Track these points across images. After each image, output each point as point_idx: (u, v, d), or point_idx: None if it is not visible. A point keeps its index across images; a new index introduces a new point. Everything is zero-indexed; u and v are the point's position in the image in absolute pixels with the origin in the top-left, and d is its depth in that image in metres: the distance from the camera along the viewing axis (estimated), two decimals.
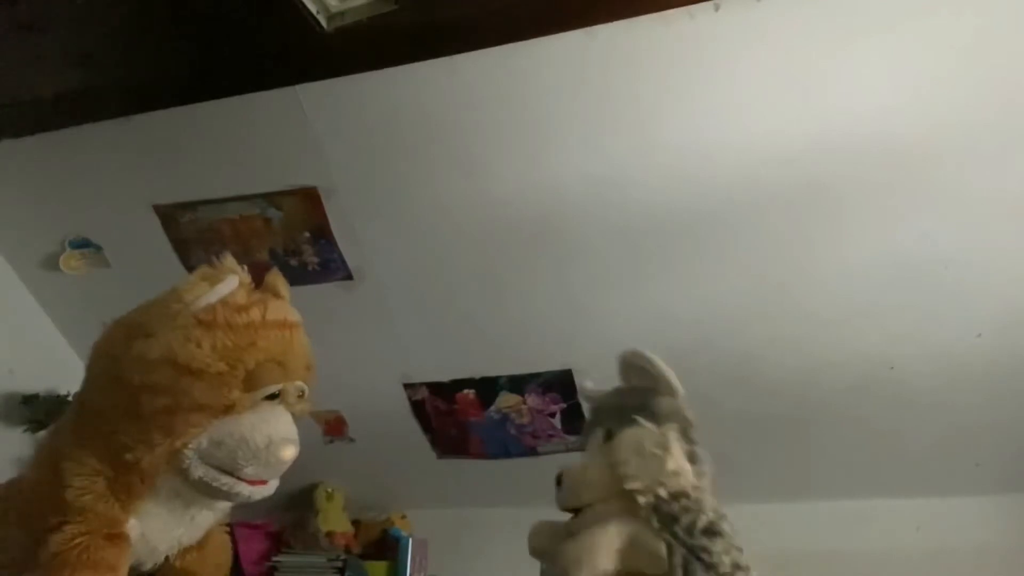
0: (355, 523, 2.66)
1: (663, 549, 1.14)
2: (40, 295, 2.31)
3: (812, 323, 1.89)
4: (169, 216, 2.04)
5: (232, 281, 1.31)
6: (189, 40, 1.66)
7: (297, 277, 2.06)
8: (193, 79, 1.75)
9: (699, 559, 1.13)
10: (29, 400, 2.12)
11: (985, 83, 1.47)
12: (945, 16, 1.41)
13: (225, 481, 1.29)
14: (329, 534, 2.53)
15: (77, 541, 1.23)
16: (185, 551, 1.47)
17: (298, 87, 1.71)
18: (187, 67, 1.74)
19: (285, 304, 1.40)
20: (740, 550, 1.19)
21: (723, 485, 2.47)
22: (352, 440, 2.52)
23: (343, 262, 2.02)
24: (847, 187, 1.65)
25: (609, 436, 1.28)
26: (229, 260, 1.35)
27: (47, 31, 1.61)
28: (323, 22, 1.51)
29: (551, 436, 2.31)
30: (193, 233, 2.05)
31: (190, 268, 2.12)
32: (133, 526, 1.30)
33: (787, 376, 2.01)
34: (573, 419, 2.24)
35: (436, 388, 2.30)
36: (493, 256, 1.93)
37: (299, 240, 2.00)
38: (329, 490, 2.62)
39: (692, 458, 1.25)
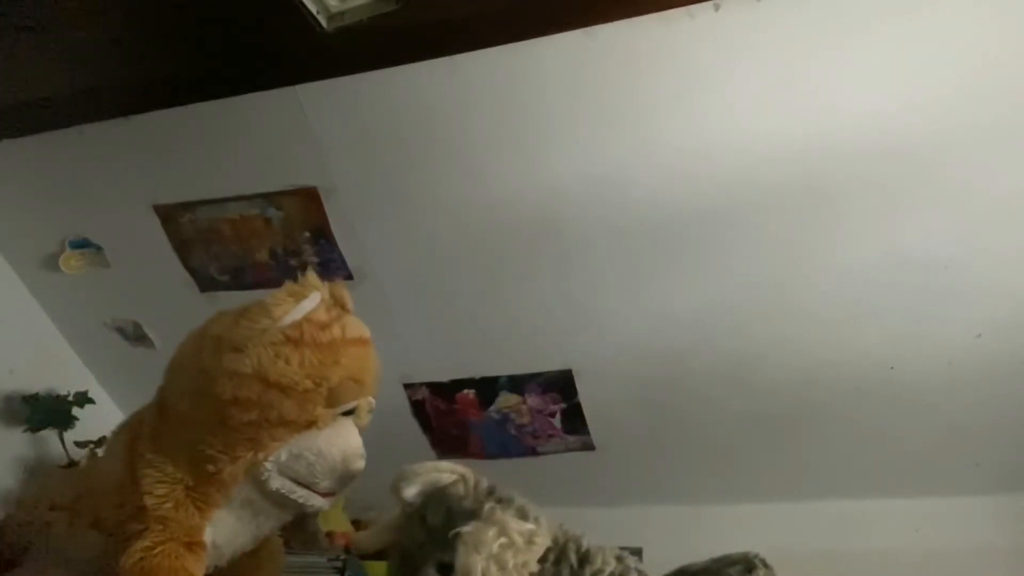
0: (355, 523, 2.65)
1: None
2: (40, 295, 2.31)
3: (812, 323, 1.90)
4: (169, 216, 2.04)
5: (315, 298, 1.34)
6: (189, 40, 1.66)
7: (297, 277, 2.06)
8: (193, 79, 1.75)
9: None
10: (29, 400, 2.12)
11: (985, 83, 1.47)
12: (946, 16, 1.41)
13: (301, 493, 1.35)
14: (329, 534, 2.52)
15: (159, 549, 1.26)
16: (243, 557, 1.49)
17: (298, 87, 1.71)
18: (187, 67, 1.74)
19: (357, 320, 1.42)
20: (620, 559, 1.17)
21: (723, 485, 2.48)
22: None
23: (343, 262, 2.02)
24: (847, 187, 1.65)
25: (445, 568, 1.15)
26: (312, 276, 1.38)
27: (47, 31, 1.61)
28: (323, 22, 1.51)
29: (551, 436, 2.31)
30: (193, 233, 2.05)
31: (190, 268, 2.12)
32: (207, 534, 1.34)
33: (787, 376, 2.01)
34: (573, 419, 2.24)
35: (436, 388, 2.29)
36: (493, 256, 1.93)
37: (299, 240, 2.00)
38: None
39: (523, 514, 1.18)
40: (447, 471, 1.25)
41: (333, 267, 2.03)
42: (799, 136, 1.58)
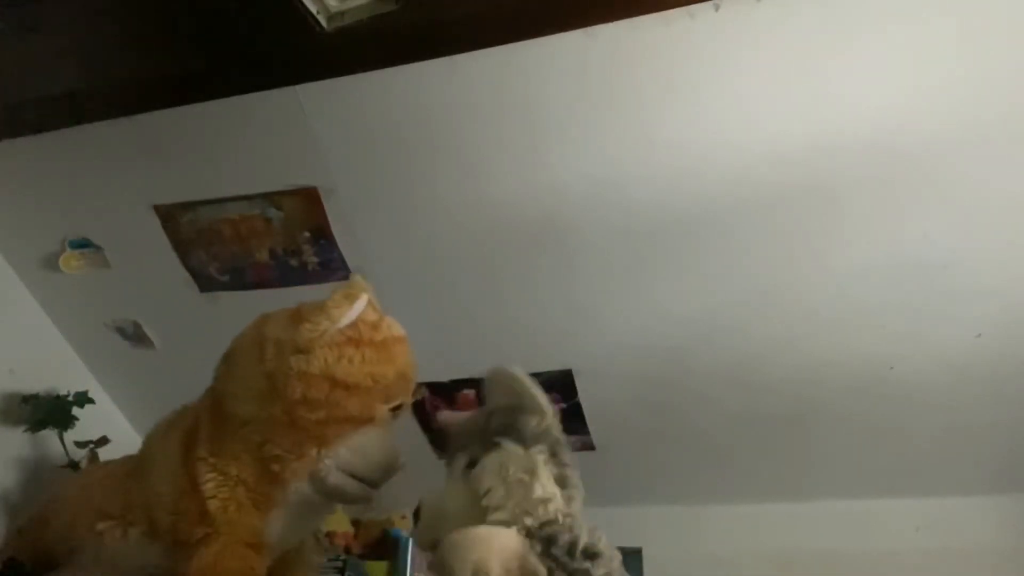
0: (355, 523, 2.65)
1: (544, 573, 1.07)
2: (40, 295, 2.31)
3: (812, 323, 1.90)
4: (169, 216, 2.04)
5: (364, 299, 1.40)
6: (189, 40, 1.66)
7: (297, 277, 2.06)
8: (193, 79, 1.75)
9: None
10: (29, 400, 2.12)
11: (986, 83, 1.47)
12: (946, 16, 1.41)
13: (356, 486, 1.41)
14: (329, 534, 2.53)
15: (228, 552, 1.31)
16: (284, 553, 1.54)
17: (298, 87, 1.71)
18: (187, 67, 1.74)
19: (394, 319, 1.50)
20: (620, 568, 1.15)
21: (723, 485, 2.48)
22: None
23: (343, 262, 2.02)
24: (847, 187, 1.65)
25: (471, 463, 1.21)
26: (359, 279, 1.46)
27: (47, 31, 1.61)
28: (323, 22, 1.51)
29: None
30: (193, 233, 2.05)
31: (190, 268, 2.12)
32: (267, 534, 1.40)
33: (787, 376, 2.01)
34: (573, 419, 2.24)
35: (436, 388, 2.29)
36: (493, 256, 1.93)
37: (299, 240, 2.00)
38: None
39: (562, 481, 1.18)
40: (540, 402, 1.25)
41: (333, 267, 2.03)
42: (799, 136, 1.58)
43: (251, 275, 2.10)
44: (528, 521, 1.11)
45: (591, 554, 1.11)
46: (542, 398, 1.25)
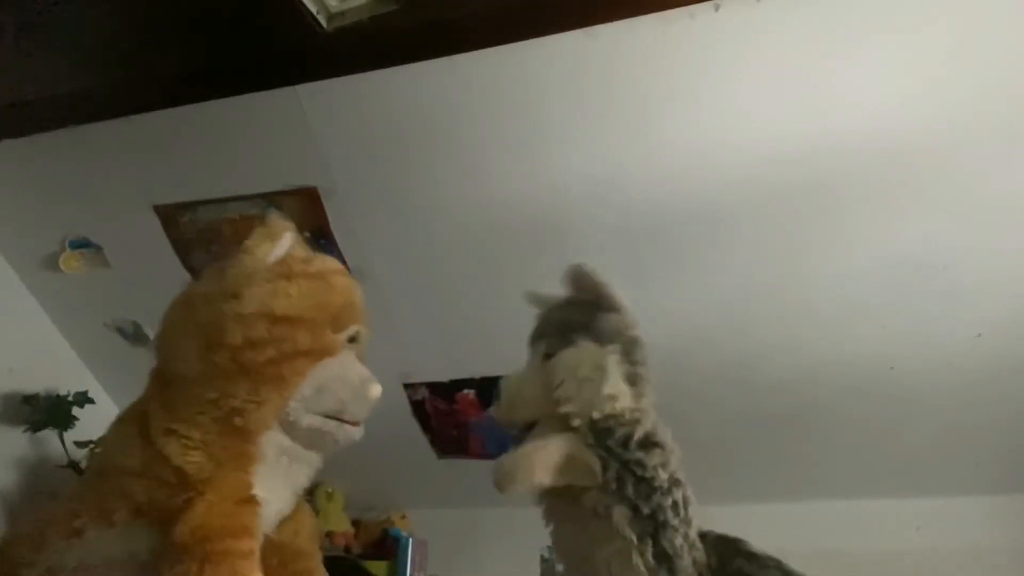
0: (355, 523, 2.66)
1: (598, 464, 1.13)
2: (40, 295, 2.31)
3: (812, 323, 1.90)
4: (169, 216, 2.04)
5: (289, 237, 1.37)
6: (189, 40, 1.66)
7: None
8: (193, 79, 1.75)
9: (632, 473, 1.12)
10: (29, 400, 2.12)
11: (986, 83, 1.47)
12: (946, 16, 1.41)
13: (332, 425, 1.34)
14: (329, 534, 2.53)
15: (214, 510, 1.21)
16: (283, 523, 1.46)
17: (298, 87, 1.71)
18: (187, 67, 1.73)
19: (325, 256, 1.47)
20: (679, 461, 1.18)
21: (723, 485, 2.49)
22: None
23: (343, 262, 2.02)
24: (847, 187, 1.65)
25: (549, 354, 1.26)
26: (277, 217, 1.45)
27: (48, 31, 1.61)
28: (323, 22, 1.51)
29: None
30: (193, 233, 2.05)
31: (190, 268, 2.12)
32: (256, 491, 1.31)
33: (787, 376, 2.01)
34: None
35: (436, 388, 2.29)
36: (493, 256, 1.93)
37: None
38: (329, 490, 2.62)
39: (633, 379, 1.23)
40: (618, 301, 1.28)
41: None
42: (799, 136, 1.58)
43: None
44: (595, 415, 1.15)
45: (649, 445, 1.13)
46: (619, 297, 1.28)
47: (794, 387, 2.03)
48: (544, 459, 1.15)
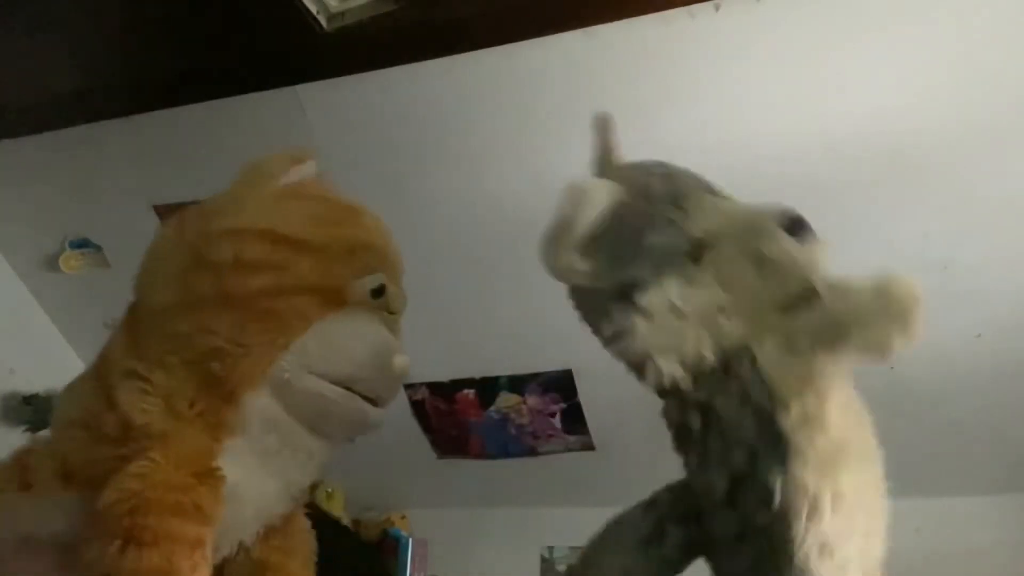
0: (355, 523, 2.66)
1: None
2: (40, 295, 2.31)
3: None
4: (169, 216, 2.03)
5: (312, 164, 1.12)
6: (189, 40, 1.66)
7: None
8: (193, 79, 1.75)
9: None
10: (29, 400, 2.12)
11: (986, 84, 1.47)
12: (946, 16, 1.41)
13: (339, 393, 0.99)
14: None
15: (157, 476, 0.83)
16: (268, 534, 1.06)
17: (298, 87, 1.71)
18: (187, 67, 1.74)
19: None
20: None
21: None
22: (352, 440, 2.52)
23: None
24: (847, 187, 1.64)
25: (696, 258, 0.91)
26: (304, 148, 1.16)
27: (48, 31, 1.61)
28: (323, 22, 1.52)
29: (551, 436, 2.31)
30: None
31: None
32: (224, 467, 0.91)
33: None
34: (573, 419, 2.24)
35: (436, 388, 2.29)
36: (493, 256, 1.93)
37: None
38: (329, 490, 2.61)
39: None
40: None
41: None
42: (799, 136, 1.58)
43: None
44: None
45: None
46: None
47: None
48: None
